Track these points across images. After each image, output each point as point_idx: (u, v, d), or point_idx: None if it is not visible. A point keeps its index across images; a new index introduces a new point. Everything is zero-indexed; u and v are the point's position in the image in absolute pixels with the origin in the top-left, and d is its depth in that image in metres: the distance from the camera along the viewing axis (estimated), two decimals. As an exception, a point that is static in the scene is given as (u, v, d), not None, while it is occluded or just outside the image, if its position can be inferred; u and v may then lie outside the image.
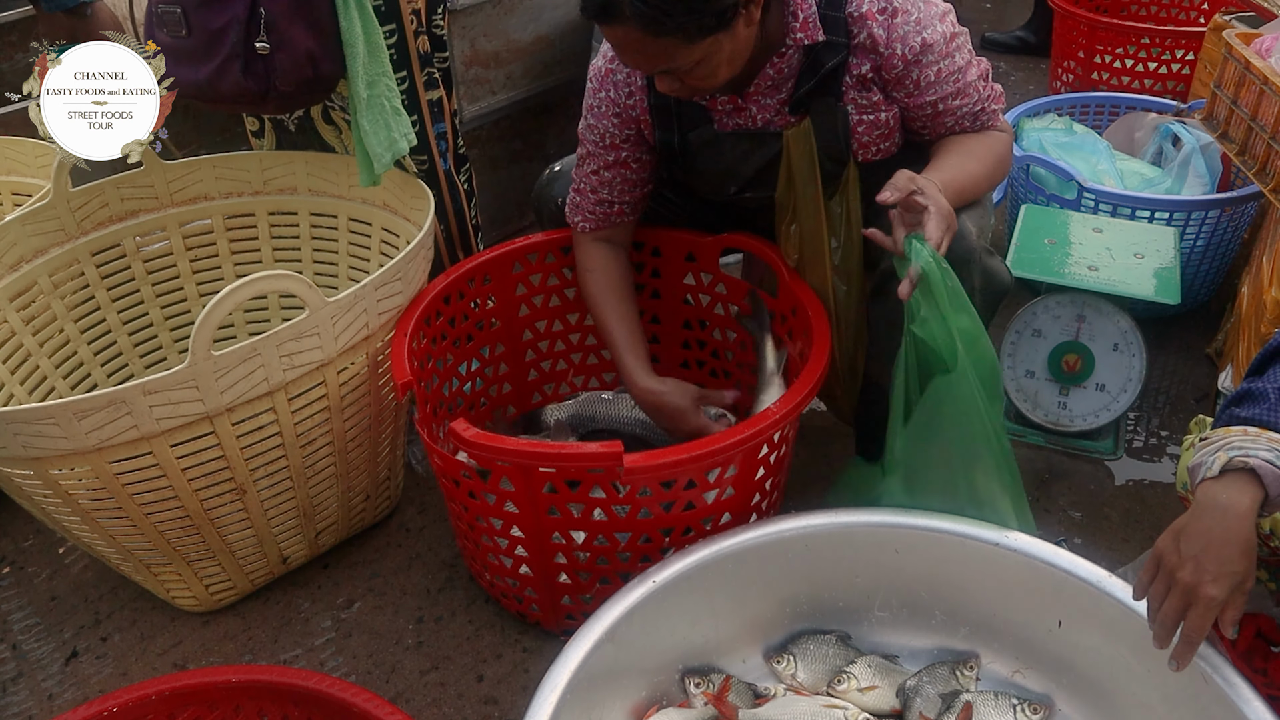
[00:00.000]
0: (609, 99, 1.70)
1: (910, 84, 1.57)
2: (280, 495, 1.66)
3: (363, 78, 1.76)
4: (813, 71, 1.58)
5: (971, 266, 1.59)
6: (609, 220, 1.82)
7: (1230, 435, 1.17)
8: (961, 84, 1.60)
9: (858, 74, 1.58)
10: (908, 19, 1.52)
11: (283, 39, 1.69)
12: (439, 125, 1.99)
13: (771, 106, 1.64)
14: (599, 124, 1.73)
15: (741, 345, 1.97)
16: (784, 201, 1.71)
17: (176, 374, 1.40)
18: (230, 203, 2.06)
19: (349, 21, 1.72)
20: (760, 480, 1.57)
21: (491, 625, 1.75)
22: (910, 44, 1.53)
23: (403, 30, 1.85)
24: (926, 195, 1.43)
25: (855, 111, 1.61)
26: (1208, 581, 1.12)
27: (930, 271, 1.39)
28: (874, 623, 1.57)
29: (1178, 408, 2.23)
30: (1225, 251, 2.40)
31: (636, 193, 1.81)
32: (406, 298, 1.70)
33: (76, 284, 1.95)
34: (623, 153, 1.74)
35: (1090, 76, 3.30)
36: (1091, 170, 2.42)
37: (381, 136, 1.81)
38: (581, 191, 1.81)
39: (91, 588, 1.86)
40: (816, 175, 1.64)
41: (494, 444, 1.43)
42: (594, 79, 1.72)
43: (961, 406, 1.45)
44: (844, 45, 1.55)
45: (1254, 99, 1.97)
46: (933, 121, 1.63)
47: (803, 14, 1.53)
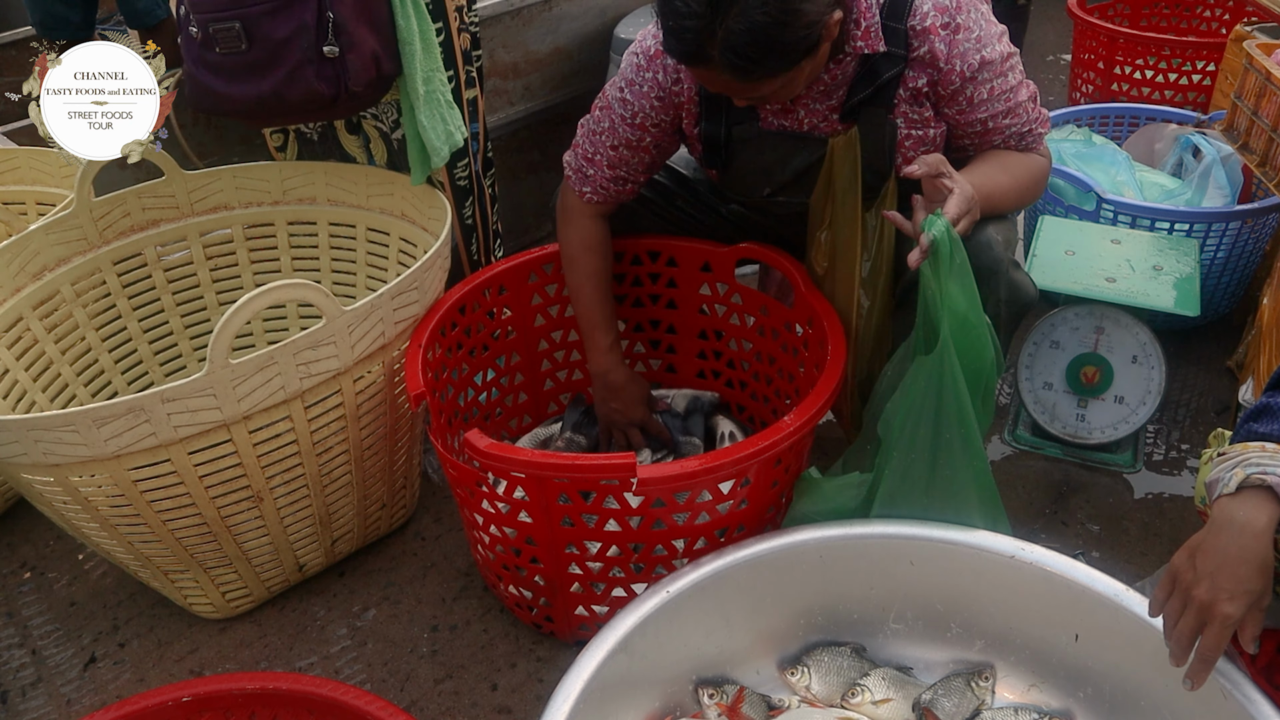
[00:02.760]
0: (655, 80, 1.66)
1: (964, 100, 1.58)
2: (297, 503, 1.67)
3: (420, 74, 1.79)
4: (868, 81, 1.58)
5: (998, 278, 1.59)
6: (619, 197, 1.81)
7: (1248, 451, 1.16)
8: (1012, 103, 1.60)
9: (913, 87, 1.58)
10: (969, 35, 1.53)
11: (352, 40, 1.70)
12: (473, 125, 2.01)
13: (820, 112, 1.64)
14: (636, 101, 1.68)
15: (758, 356, 1.97)
16: (819, 208, 1.70)
17: (194, 382, 1.41)
18: (250, 212, 2.08)
19: (406, 19, 1.74)
20: (775, 491, 1.57)
21: (506, 634, 1.75)
22: (970, 61, 1.54)
23: (449, 27, 1.87)
24: (954, 179, 1.44)
25: (904, 125, 1.61)
26: (1224, 599, 1.11)
27: (941, 243, 1.39)
28: (889, 635, 1.56)
29: (1198, 421, 2.21)
30: (1246, 263, 2.38)
31: (649, 175, 1.82)
32: (423, 307, 1.71)
33: (98, 292, 1.97)
34: (648, 137, 1.72)
35: (1110, 87, 3.28)
36: (1111, 181, 2.41)
37: (440, 130, 1.84)
38: (596, 164, 1.77)
39: (110, 594, 1.88)
40: (858, 185, 1.64)
41: (508, 455, 1.43)
42: (640, 55, 1.67)
43: (934, 387, 1.45)
44: (902, 58, 1.55)
45: (1275, 110, 1.96)
46: (980, 139, 1.64)
47: (865, 22, 1.53)
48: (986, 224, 1.60)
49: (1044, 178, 1.72)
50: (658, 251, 1.93)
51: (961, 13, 1.53)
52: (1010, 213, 1.70)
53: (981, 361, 1.48)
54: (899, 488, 1.50)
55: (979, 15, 1.55)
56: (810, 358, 1.75)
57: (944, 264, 1.40)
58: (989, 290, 1.58)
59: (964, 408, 1.45)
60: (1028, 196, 1.70)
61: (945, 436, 1.47)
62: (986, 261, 1.58)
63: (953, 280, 1.41)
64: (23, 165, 2.19)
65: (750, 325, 1.96)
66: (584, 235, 1.83)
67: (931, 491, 1.50)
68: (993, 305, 1.59)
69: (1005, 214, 1.68)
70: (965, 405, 1.45)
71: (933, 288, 1.42)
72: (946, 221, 1.39)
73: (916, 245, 1.40)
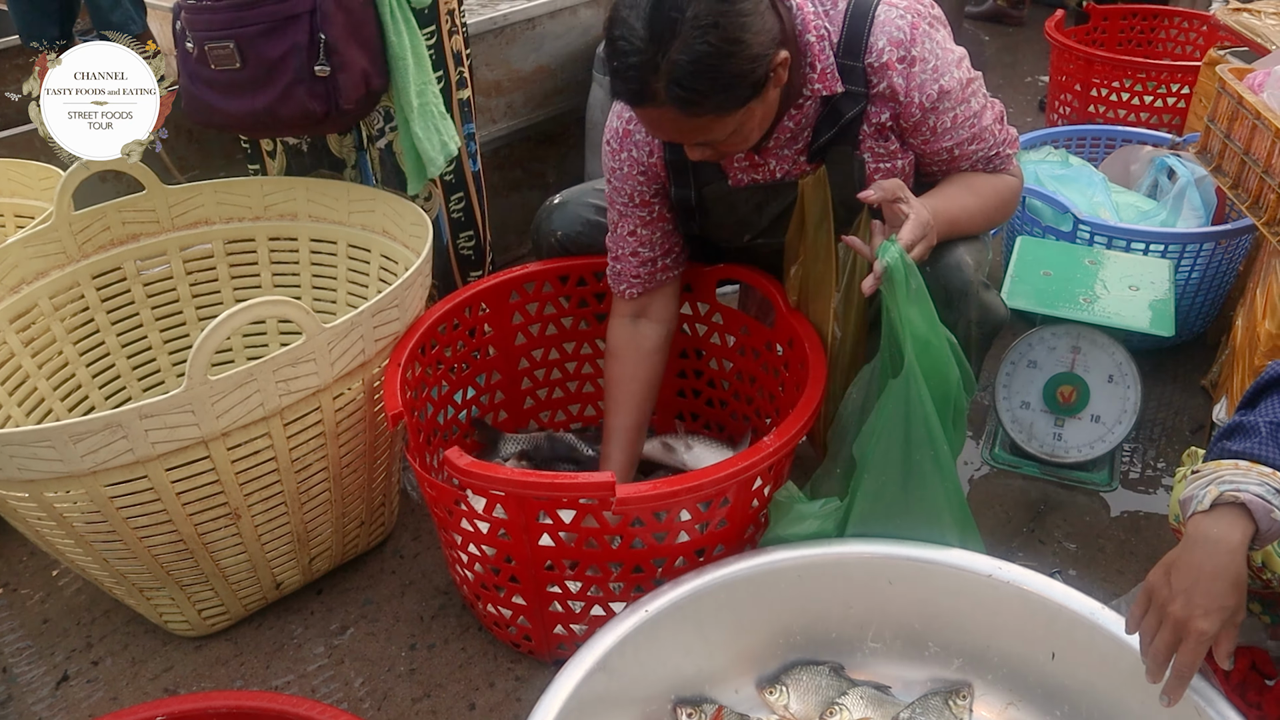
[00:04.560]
0: (632, 159, 1.69)
1: (927, 130, 1.58)
2: (275, 520, 1.66)
3: (413, 88, 1.82)
4: (831, 121, 1.58)
5: (969, 300, 1.60)
6: (654, 280, 1.79)
7: (1221, 469, 1.17)
8: (977, 129, 1.61)
9: (876, 122, 1.58)
10: (925, 67, 1.53)
11: (343, 60, 1.74)
12: (469, 125, 2.03)
13: (789, 158, 1.65)
14: (624, 185, 1.71)
15: (738, 375, 1.97)
16: (793, 245, 1.71)
17: (173, 398, 1.40)
18: (231, 227, 2.08)
19: (398, 35, 1.77)
20: (754, 511, 1.57)
21: (484, 653, 1.74)
22: (928, 92, 1.54)
23: (440, 30, 1.89)
24: (910, 205, 1.45)
25: (872, 160, 1.62)
26: (1199, 616, 1.12)
27: (895, 269, 1.40)
28: (867, 653, 1.57)
29: (1173, 439, 2.23)
30: (1220, 284, 2.41)
31: (677, 245, 1.79)
32: (403, 324, 1.71)
33: (76, 306, 1.95)
34: (655, 208, 1.74)
35: (1086, 109, 3.32)
36: (1087, 202, 2.44)
37: (435, 141, 1.87)
38: (621, 258, 1.78)
39: (84, 611, 1.86)
40: (829, 223, 1.64)
41: (488, 473, 1.43)
42: (612, 141, 1.71)
43: (902, 410, 1.46)
44: (863, 95, 1.55)
45: (1247, 133, 1.99)
46: (948, 166, 1.65)
47: (820, 65, 1.53)
48: (957, 245, 1.61)
49: (1014, 197, 1.72)
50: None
51: (916, 45, 1.52)
52: (982, 233, 1.71)
53: (948, 383, 1.49)
54: (872, 510, 1.51)
55: (934, 45, 1.54)
56: (791, 378, 1.76)
57: (900, 289, 1.41)
58: (959, 312, 1.59)
59: (933, 429, 1.46)
60: (997, 216, 1.70)
61: (916, 458, 1.48)
62: (957, 283, 1.59)
63: (912, 305, 1.43)
64: (1, 177, 2.18)
65: (731, 345, 1.96)
66: (612, 338, 1.83)
67: (904, 513, 1.51)
68: (964, 326, 1.60)
69: (977, 234, 1.69)
70: (934, 427, 1.46)
71: (894, 312, 1.44)
72: (900, 248, 1.40)
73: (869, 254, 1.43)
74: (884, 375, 1.51)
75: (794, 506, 1.55)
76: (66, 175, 1.85)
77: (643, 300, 1.81)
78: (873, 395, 1.55)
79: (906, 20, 1.52)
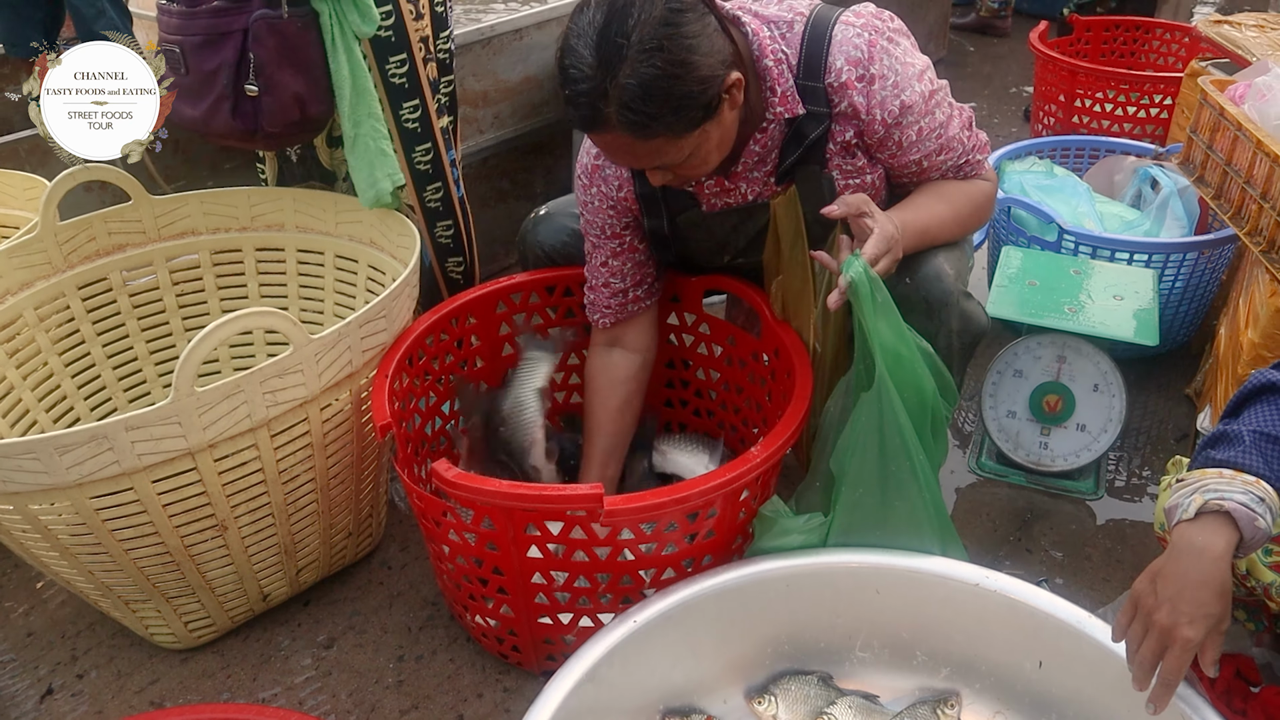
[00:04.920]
0: (601, 193, 1.72)
1: (893, 145, 1.59)
2: (262, 532, 1.66)
3: (349, 118, 1.80)
4: (797, 143, 1.59)
5: (949, 309, 1.61)
6: (626, 310, 1.81)
7: (1206, 477, 1.18)
8: (944, 139, 1.62)
9: (841, 140, 1.59)
10: (885, 83, 1.53)
11: (271, 82, 1.73)
12: (451, 152, 2.02)
13: (759, 180, 1.66)
14: (596, 219, 1.74)
15: (725, 386, 1.98)
16: (770, 263, 1.73)
17: (159, 409, 1.40)
18: (217, 238, 2.07)
19: (337, 64, 1.76)
20: (742, 522, 1.58)
21: (472, 664, 1.74)
22: (890, 108, 1.54)
23: (413, 59, 1.88)
24: (875, 219, 1.47)
25: (841, 176, 1.63)
26: (1184, 623, 1.13)
27: (859, 283, 1.41)
28: (855, 663, 1.57)
29: (1158, 448, 2.24)
30: (1203, 293, 2.43)
31: (650, 276, 1.81)
32: (391, 335, 1.71)
33: (62, 317, 1.95)
34: (626, 238, 1.76)
35: (1071, 120, 3.35)
36: (1072, 212, 2.45)
37: (365, 175, 1.84)
38: (595, 288, 1.81)
39: (69, 624, 1.85)
40: (803, 240, 1.65)
41: (475, 485, 1.43)
42: (583, 176, 1.73)
43: (875, 422, 1.48)
44: (825, 115, 1.56)
45: (1229, 144, 2.00)
46: (918, 178, 1.66)
47: (780, 88, 1.54)
48: (937, 254, 1.62)
49: (988, 202, 1.72)
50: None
51: (874, 62, 1.52)
52: (960, 240, 1.73)
53: (923, 394, 1.49)
54: (852, 522, 1.52)
55: (893, 60, 1.54)
56: (777, 388, 1.77)
57: (866, 302, 1.43)
58: (941, 321, 1.60)
59: (908, 440, 1.47)
60: (971, 222, 1.71)
61: (892, 469, 1.49)
62: (938, 293, 1.60)
63: (880, 317, 1.44)
64: (-14, 188, 2.17)
65: (718, 355, 1.97)
66: (589, 366, 1.86)
67: (885, 525, 1.52)
68: (945, 336, 1.61)
69: (957, 242, 1.70)
70: (910, 437, 1.47)
71: (864, 325, 1.45)
72: (863, 262, 1.42)
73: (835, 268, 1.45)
74: (857, 388, 1.53)
75: (778, 521, 1.56)
76: (52, 185, 1.84)
77: (616, 330, 1.84)
78: (849, 408, 1.56)
79: (864, 38, 1.53)
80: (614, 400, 1.83)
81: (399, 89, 1.89)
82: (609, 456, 1.82)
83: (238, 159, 2.16)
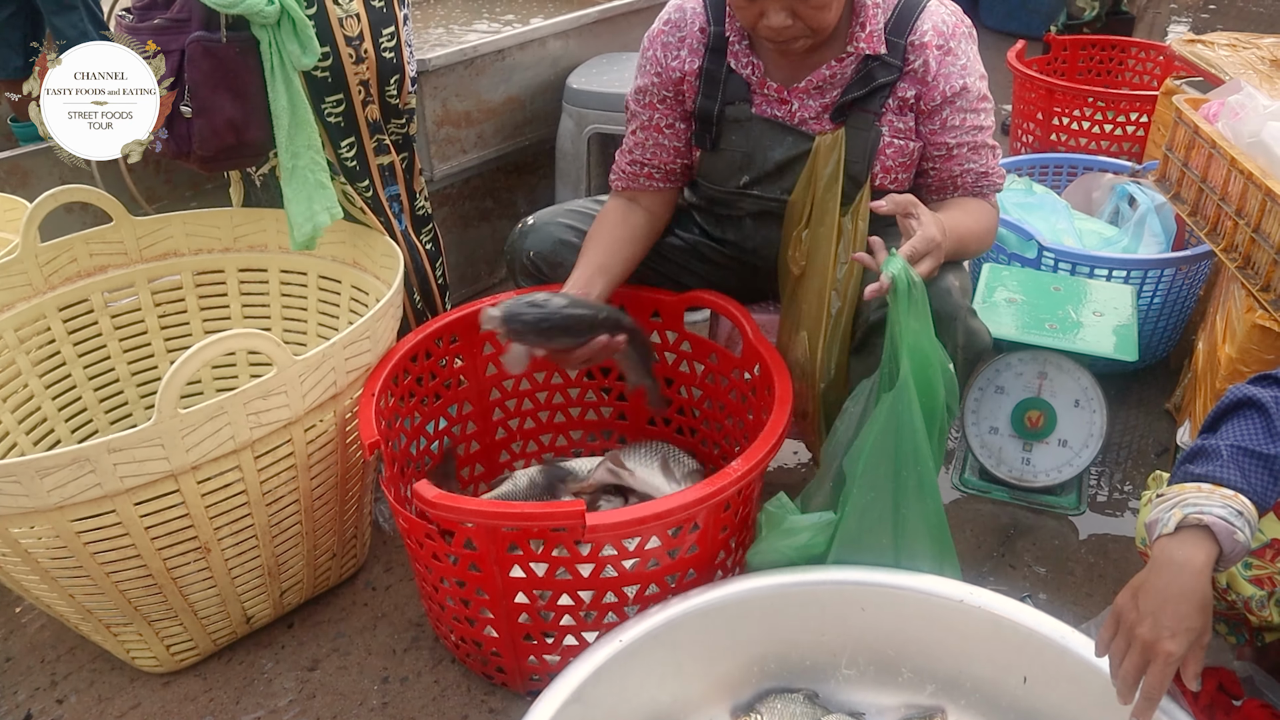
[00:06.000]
0: (654, 58, 1.78)
1: (938, 121, 1.68)
2: (245, 554, 1.65)
3: (287, 149, 1.79)
4: (863, 83, 1.66)
5: (957, 324, 1.63)
6: (636, 181, 1.88)
7: (1185, 492, 1.19)
8: (978, 141, 1.71)
9: (901, 97, 1.67)
10: (957, 61, 1.65)
11: (204, 105, 1.72)
12: (391, 188, 2.02)
13: (813, 109, 1.72)
14: (641, 81, 1.81)
15: (708, 403, 1.98)
16: (799, 204, 1.75)
17: (142, 432, 1.39)
18: (200, 259, 2.07)
19: (275, 94, 1.75)
20: (724, 538, 1.58)
21: (457, 686, 1.73)
22: (953, 83, 1.65)
23: (350, 100, 1.88)
24: (921, 220, 1.50)
25: (888, 134, 1.69)
26: (1166, 638, 1.14)
27: (898, 281, 1.43)
28: (841, 681, 1.57)
29: (1139, 462, 2.26)
30: (1181, 308, 2.45)
31: (666, 160, 1.86)
32: (375, 356, 1.70)
33: (42, 339, 1.93)
34: (656, 114, 1.82)
35: (1049, 138, 3.38)
36: (1051, 229, 2.48)
37: (302, 207, 1.83)
38: (620, 153, 1.90)
39: (49, 648, 1.83)
40: (838, 186, 1.70)
41: (456, 505, 1.43)
42: (646, 39, 1.80)
43: (894, 424, 1.48)
44: (898, 68, 1.65)
45: (1204, 162, 2.03)
46: (941, 163, 1.72)
47: (870, 26, 1.63)
48: (946, 271, 1.65)
49: (996, 227, 1.82)
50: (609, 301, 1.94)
51: (955, 39, 1.65)
52: (962, 261, 1.76)
53: (935, 401, 1.51)
54: (861, 525, 1.53)
55: (969, 48, 1.68)
56: (759, 404, 1.77)
57: (902, 301, 1.44)
58: (947, 336, 1.62)
59: (920, 446, 1.48)
60: (985, 243, 1.79)
61: (904, 475, 1.50)
62: (947, 308, 1.62)
63: (913, 318, 1.46)
64: (-35, 211, 2.16)
65: (700, 372, 1.97)
66: (602, 211, 1.89)
67: (891, 531, 1.52)
68: (950, 351, 1.62)
69: (959, 262, 1.73)
70: (922, 444, 1.48)
71: (896, 325, 1.46)
72: (904, 261, 1.44)
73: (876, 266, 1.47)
74: (882, 389, 1.53)
75: (785, 518, 1.56)
76: (32, 207, 1.83)
77: (629, 193, 1.90)
78: (869, 409, 1.56)
79: (954, 19, 1.67)
80: (620, 230, 1.85)
81: (336, 127, 1.89)
82: (598, 273, 1.78)
83: (220, 179, 2.16)
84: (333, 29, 1.80)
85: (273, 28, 1.71)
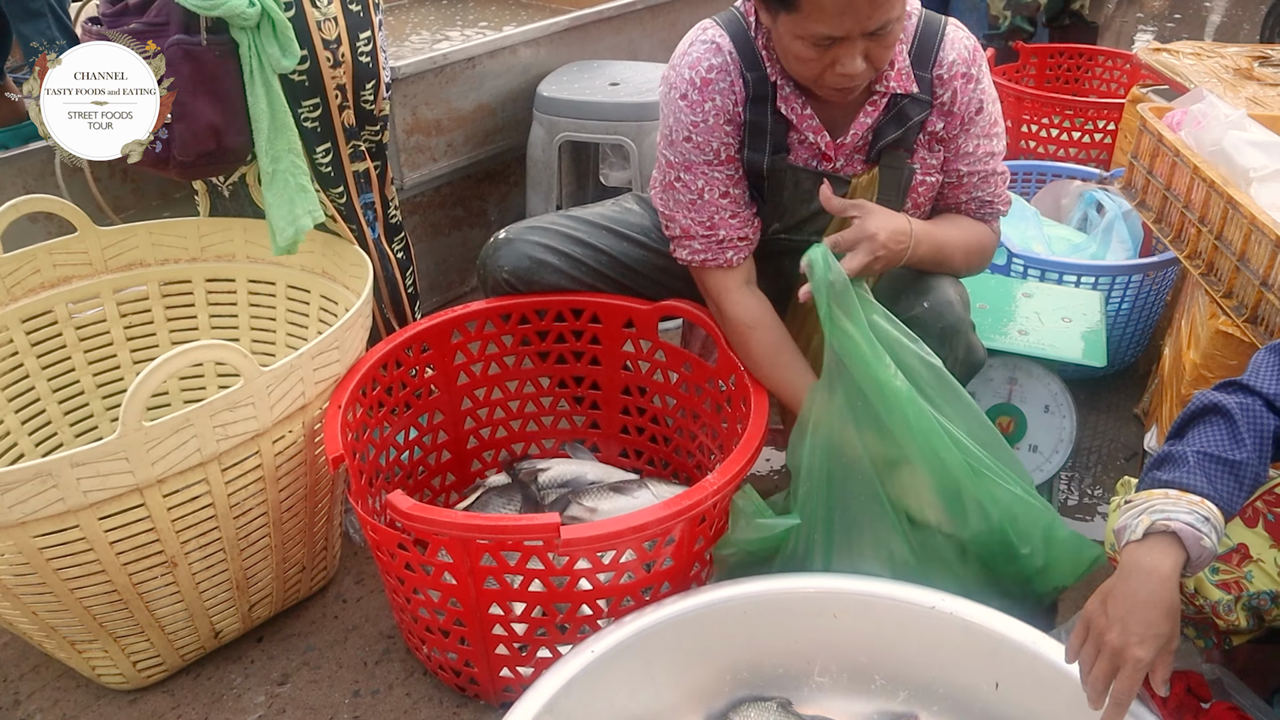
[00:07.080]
0: (717, 107, 1.61)
1: (954, 148, 1.68)
2: (213, 568, 1.63)
3: (267, 153, 1.77)
4: (898, 123, 1.64)
5: (959, 338, 1.65)
6: (756, 238, 1.74)
7: (1153, 499, 1.20)
8: (989, 169, 1.71)
9: (931, 131, 1.66)
10: (978, 86, 1.64)
11: (184, 110, 1.70)
12: (366, 196, 2.00)
13: (848, 148, 1.68)
14: (710, 139, 1.63)
15: (682, 412, 1.98)
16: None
17: (106, 445, 1.37)
18: (167, 269, 2.04)
19: (255, 98, 1.73)
20: (699, 550, 1.58)
21: (430, 698, 1.72)
22: (973, 106, 1.65)
23: (327, 104, 1.86)
24: (862, 216, 1.54)
25: (920, 170, 1.69)
26: (1134, 644, 1.15)
27: (815, 266, 1.47)
28: (814, 688, 1.57)
29: (1108, 467, 2.28)
30: (1149, 314, 2.48)
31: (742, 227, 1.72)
32: (344, 366, 1.69)
33: (5, 351, 1.90)
34: (737, 165, 1.68)
35: (1018, 145, 3.41)
36: (1020, 236, 2.49)
37: (284, 211, 1.81)
38: (721, 223, 1.68)
39: (11, 667, 1.80)
40: None
41: (431, 516, 1.42)
42: (690, 93, 1.61)
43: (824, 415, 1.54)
44: (928, 103, 1.64)
45: (1168, 170, 2.05)
46: (950, 190, 1.73)
47: (898, 64, 1.60)
48: (947, 286, 1.68)
49: (991, 250, 1.81)
50: (580, 309, 1.94)
51: (976, 65, 1.65)
52: (961, 274, 1.77)
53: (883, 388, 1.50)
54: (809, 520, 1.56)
55: (985, 74, 1.67)
56: (734, 414, 1.77)
57: (821, 288, 1.47)
58: (949, 349, 1.64)
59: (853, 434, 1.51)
60: (974, 260, 1.78)
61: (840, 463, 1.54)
62: (950, 321, 1.64)
63: (837, 308, 1.48)
64: (-74, 222, 2.13)
65: (674, 382, 1.97)
66: (746, 313, 1.72)
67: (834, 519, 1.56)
68: (950, 363, 1.64)
69: (957, 276, 1.75)
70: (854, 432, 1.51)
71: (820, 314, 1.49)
72: (825, 249, 1.47)
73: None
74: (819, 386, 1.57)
75: (752, 514, 1.57)
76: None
77: (748, 264, 1.75)
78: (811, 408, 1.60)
79: (972, 43, 1.66)
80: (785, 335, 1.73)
81: (312, 132, 1.87)
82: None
83: (188, 188, 2.13)
84: (311, 32, 1.79)
85: (252, 30, 1.69)
